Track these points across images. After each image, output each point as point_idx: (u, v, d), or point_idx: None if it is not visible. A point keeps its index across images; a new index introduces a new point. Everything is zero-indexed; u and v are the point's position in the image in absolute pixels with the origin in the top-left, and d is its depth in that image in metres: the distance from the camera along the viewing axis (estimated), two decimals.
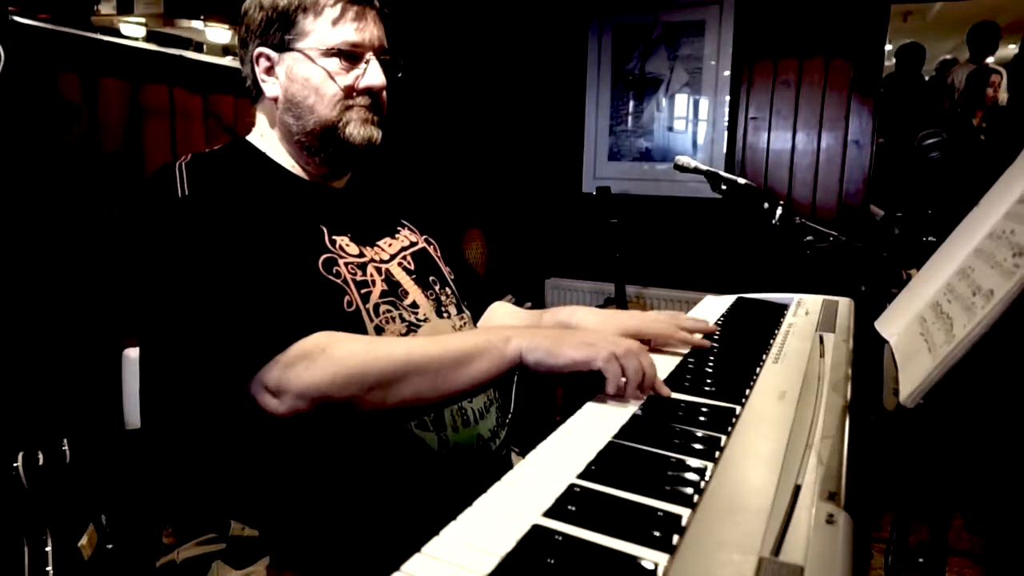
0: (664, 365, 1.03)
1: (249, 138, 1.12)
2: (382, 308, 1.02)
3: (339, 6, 1.03)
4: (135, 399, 1.29)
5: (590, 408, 0.86)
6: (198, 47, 2.14)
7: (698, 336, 1.14)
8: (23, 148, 1.67)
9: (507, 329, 0.92)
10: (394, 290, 1.06)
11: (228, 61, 2.19)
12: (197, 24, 2.16)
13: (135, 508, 1.34)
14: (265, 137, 1.11)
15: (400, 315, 1.03)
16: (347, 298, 0.98)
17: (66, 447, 1.32)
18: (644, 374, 0.87)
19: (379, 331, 0.99)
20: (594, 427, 0.79)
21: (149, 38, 1.97)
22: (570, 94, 3.59)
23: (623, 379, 0.86)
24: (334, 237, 1.03)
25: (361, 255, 1.05)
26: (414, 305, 1.07)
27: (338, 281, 0.99)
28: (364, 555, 0.91)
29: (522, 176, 3.73)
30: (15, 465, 1.25)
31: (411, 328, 1.04)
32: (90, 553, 1.28)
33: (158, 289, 0.94)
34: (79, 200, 1.81)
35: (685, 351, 1.10)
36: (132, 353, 1.31)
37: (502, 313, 1.31)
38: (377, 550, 0.54)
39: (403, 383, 0.86)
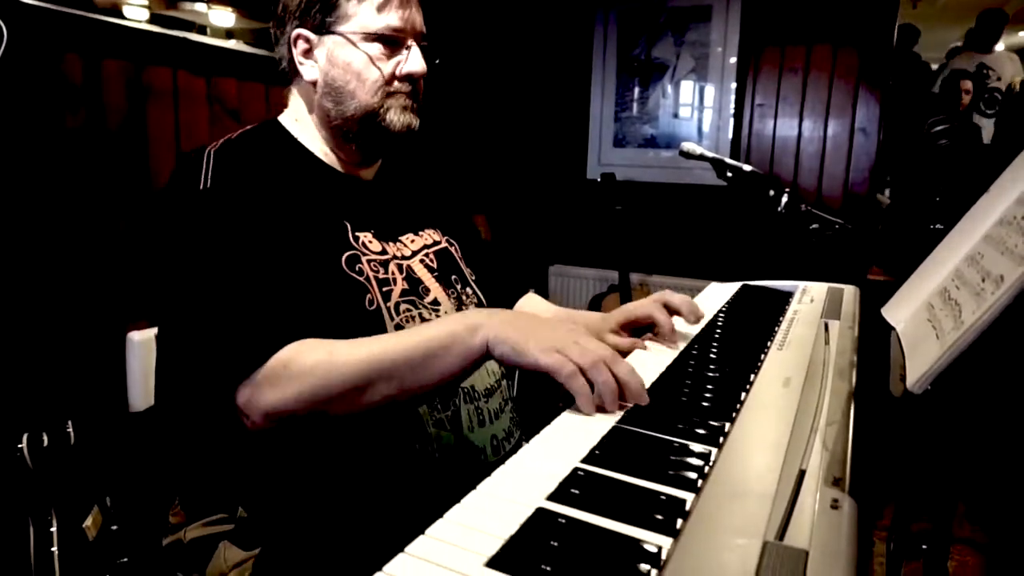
0: (666, 354, 1.02)
1: (282, 120, 1.09)
2: (402, 307, 1.00)
3: None
4: (139, 381, 1.29)
5: None
6: (201, 30, 2.13)
7: (676, 319, 1.07)
8: (26, 129, 1.66)
9: (478, 315, 0.86)
10: (415, 288, 1.04)
11: (232, 44, 2.18)
12: (200, 7, 2.15)
13: (140, 489, 1.34)
14: (300, 122, 1.08)
15: (420, 314, 1.02)
16: (368, 296, 0.97)
17: (70, 429, 1.33)
18: (622, 386, 0.78)
19: (399, 329, 0.98)
20: (598, 412, 0.78)
21: (152, 20, 1.96)
22: (575, 80, 3.57)
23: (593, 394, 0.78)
24: (357, 233, 1.02)
25: (383, 252, 1.03)
26: (435, 303, 1.06)
27: (360, 279, 0.97)
28: (363, 550, 0.90)
29: (526, 162, 3.72)
30: (20, 446, 1.25)
31: None
32: (95, 534, 1.29)
33: (164, 279, 0.93)
34: (82, 182, 1.80)
35: (683, 344, 1.06)
36: (136, 336, 1.31)
37: (531, 312, 1.29)
38: (378, 546, 0.54)
39: (368, 389, 0.84)
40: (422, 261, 1.09)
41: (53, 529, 1.24)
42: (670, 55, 3.40)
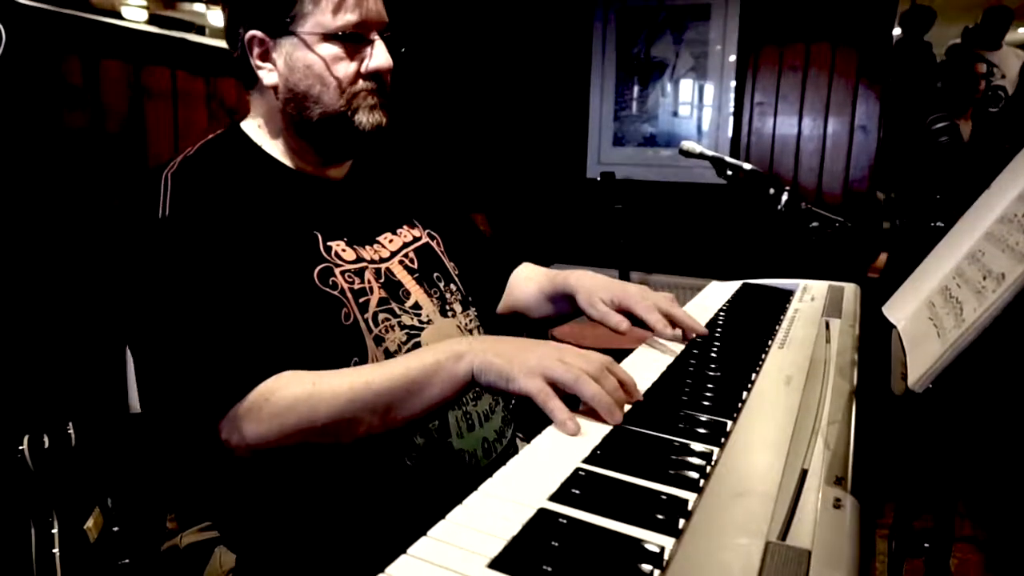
0: (668, 353, 1.02)
1: (245, 126, 1.04)
2: (380, 317, 0.97)
3: None
4: None
5: None
6: (200, 30, 2.13)
7: (668, 329, 1.04)
8: (26, 130, 1.66)
9: (461, 344, 0.84)
10: (394, 293, 1.01)
11: None
12: (199, 7, 2.15)
13: (141, 491, 1.34)
14: (263, 128, 1.03)
15: (400, 322, 0.98)
16: (344, 310, 0.93)
17: (71, 430, 1.33)
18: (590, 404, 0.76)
19: (379, 341, 0.95)
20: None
21: (150, 21, 1.96)
22: (575, 79, 3.57)
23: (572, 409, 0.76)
24: (329, 243, 0.97)
25: (358, 260, 0.99)
26: (416, 307, 1.02)
27: (335, 293, 0.94)
28: (355, 560, 0.87)
29: (526, 161, 3.72)
30: (21, 448, 1.25)
31: (412, 334, 0.99)
32: (96, 535, 1.28)
33: (131, 313, 0.90)
34: (82, 183, 1.80)
35: (683, 344, 1.06)
36: None
37: (524, 278, 1.28)
38: (371, 554, 0.53)
39: (352, 423, 0.81)
40: (401, 262, 1.06)
41: (54, 531, 1.24)
42: (669, 53, 3.39)
